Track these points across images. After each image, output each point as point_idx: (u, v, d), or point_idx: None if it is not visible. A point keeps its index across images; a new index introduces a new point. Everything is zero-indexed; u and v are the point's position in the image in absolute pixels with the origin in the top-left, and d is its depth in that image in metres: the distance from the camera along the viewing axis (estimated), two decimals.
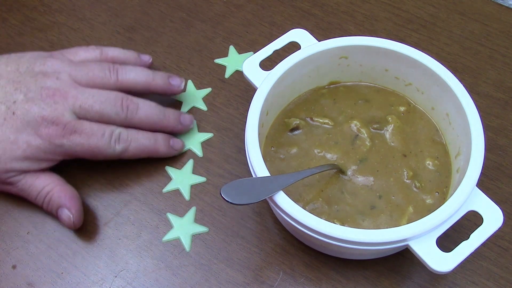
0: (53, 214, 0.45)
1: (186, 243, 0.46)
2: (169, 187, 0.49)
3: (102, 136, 0.44)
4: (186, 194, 0.48)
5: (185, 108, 0.53)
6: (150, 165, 0.49)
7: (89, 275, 0.44)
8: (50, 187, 0.45)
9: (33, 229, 0.46)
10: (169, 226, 0.47)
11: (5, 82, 0.44)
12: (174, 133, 0.50)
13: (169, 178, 0.49)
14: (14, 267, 0.45)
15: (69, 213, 0.44)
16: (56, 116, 0.43)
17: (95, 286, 0.44)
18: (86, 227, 0.46)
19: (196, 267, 0.45)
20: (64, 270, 0.45)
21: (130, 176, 0.49)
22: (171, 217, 0.47)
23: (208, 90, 0.54)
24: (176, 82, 0.50)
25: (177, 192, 0.48)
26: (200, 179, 0.49)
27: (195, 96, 0.54)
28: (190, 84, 0.55)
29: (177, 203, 0.48)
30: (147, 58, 0.53)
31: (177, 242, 0.46)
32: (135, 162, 0.49)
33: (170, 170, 0.49)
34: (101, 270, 0.45)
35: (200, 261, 0.45)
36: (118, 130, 0.45)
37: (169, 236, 0.46)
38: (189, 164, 0.50)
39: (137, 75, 0.48)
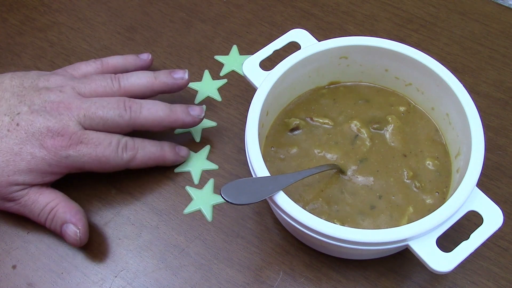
0: (56, 231, 0.44)
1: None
2: None
3: (109, 145, 0.44)
4: None
5: (198, 99, 0.53)
6: None
7: (89, 275, 0.44)
8: (55, 202, 0.43)
9: (33, 229, 0.46)
10: None
11: (9, 95, 0.44)
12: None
13: (169, 179, 0.49)
14: (14, 267, 0.45)
15: (75, 229, 0.43)
16: (62, 127, 0.42)
17: (95, 286, 0.44)
18: None
19: (196, 267, 0.45)
20: (64, 270, 0.45)
21: (130, 176, 0.49)
22: None
23: (224, 81, 0.55)
24: (178, 74, 0.49)
25: None
26: None
27: (211, 86, 0.54)
28: (206, 74, 0.55)
29: (177, 203, 0.48)
30: (146, 56, 0.52)
31: (177, 242, 0.46)
32: None
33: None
34: (101, 270, 0.45)
35: (200, 261, 0.45)
36: (124, 138, 0.45)
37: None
38: None
39: (139, 78, 0.47)
